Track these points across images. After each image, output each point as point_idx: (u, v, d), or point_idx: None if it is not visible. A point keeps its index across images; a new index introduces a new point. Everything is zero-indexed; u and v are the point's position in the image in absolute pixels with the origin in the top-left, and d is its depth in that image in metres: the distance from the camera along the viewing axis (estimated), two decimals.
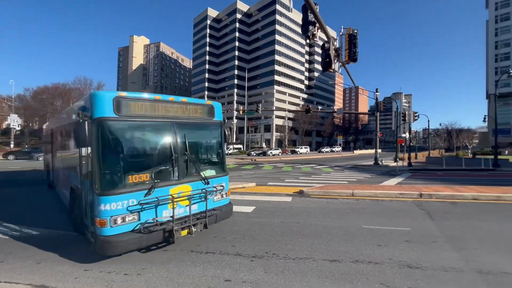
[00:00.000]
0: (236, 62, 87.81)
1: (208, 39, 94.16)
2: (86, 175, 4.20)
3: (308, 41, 8.75)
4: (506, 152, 34.48)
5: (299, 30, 19.51)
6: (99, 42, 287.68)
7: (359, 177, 17.01)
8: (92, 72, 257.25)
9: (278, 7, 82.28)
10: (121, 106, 4.04)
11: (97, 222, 3.79)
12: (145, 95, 4.50)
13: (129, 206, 3.91)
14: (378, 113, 27.13)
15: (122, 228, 3.88)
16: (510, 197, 8.40)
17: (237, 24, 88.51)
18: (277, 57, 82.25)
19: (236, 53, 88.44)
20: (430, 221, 6.44)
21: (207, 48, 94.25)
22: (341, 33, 10.32)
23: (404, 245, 4.92)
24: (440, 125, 65.54)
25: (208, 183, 4.90)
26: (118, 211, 3.83)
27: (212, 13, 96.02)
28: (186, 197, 4.51)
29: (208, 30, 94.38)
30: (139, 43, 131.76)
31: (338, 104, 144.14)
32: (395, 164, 25.14)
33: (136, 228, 3.99)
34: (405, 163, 25.96)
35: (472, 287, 3.47)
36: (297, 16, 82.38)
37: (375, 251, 4.65)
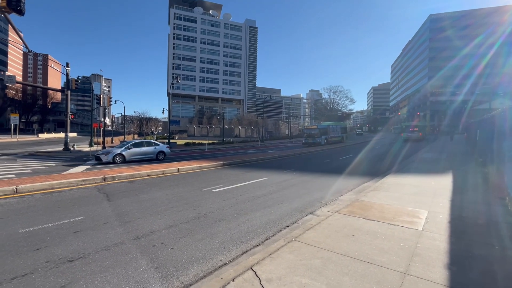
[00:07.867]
0: None
1: None
2: None
3: None
4: (177, 137, 47.33)
5: None
6: None
7: (39, 166, 13.70)
8: None
9: None
10: None
11: None
12: None
13: None
14: (69, 92, 23.65)
15: None
16: (170, 171, 11.30)
17: None
18: None
19: None
20: (107, 203, 6.63)
21: None
22: None
23: (72, 238, 4.50)
24: (135, 112, 74.07)
25: None
26: None
27: None
28: None
29: None
30: None
31: (14, 70, 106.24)
32: (89, 149, 23.75)
33: None
34: (100, 148, 25.51)
35: (127, 256, 3.94)
36: None
37: (30, 259, 3.74)
